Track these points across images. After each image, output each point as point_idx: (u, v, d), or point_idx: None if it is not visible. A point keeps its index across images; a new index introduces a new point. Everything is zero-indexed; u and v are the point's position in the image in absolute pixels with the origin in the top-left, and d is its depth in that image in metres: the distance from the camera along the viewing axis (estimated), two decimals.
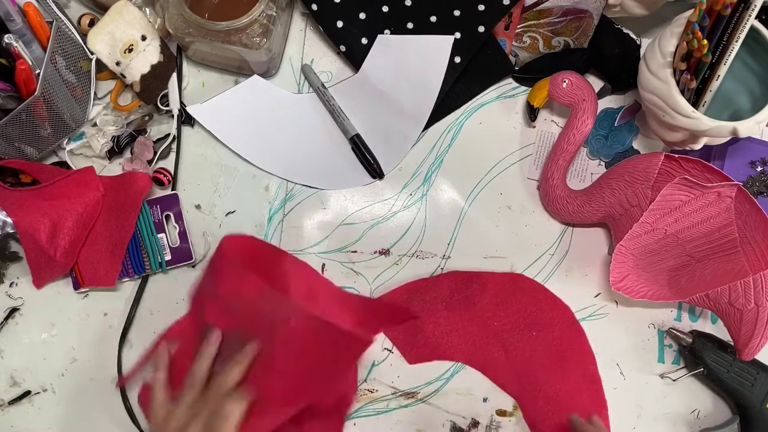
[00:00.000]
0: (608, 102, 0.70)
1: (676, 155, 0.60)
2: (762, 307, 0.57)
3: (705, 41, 0.54)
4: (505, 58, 0.70)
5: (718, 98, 0.61)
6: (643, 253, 0.62)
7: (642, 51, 0.66)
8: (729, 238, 0.59)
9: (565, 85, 0.63)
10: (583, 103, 0.63)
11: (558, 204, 0.65)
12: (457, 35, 0.67)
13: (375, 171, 0.68)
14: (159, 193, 0.67)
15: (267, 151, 0.68)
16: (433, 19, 0.67)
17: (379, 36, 0.67)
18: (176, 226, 0.66)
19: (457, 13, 0.67)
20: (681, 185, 0.58)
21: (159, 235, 0.65)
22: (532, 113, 0.67)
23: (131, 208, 0.64)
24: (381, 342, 0.65)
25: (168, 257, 0.65)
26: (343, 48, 0.69)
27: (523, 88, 0.70)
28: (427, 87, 0.67)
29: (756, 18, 0.56)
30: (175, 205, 0.66)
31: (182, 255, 0.66)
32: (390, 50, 0.67)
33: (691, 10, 0.56)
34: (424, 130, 0.69)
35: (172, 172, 0.68)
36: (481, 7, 0.67)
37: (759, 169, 0.66)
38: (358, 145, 0.68)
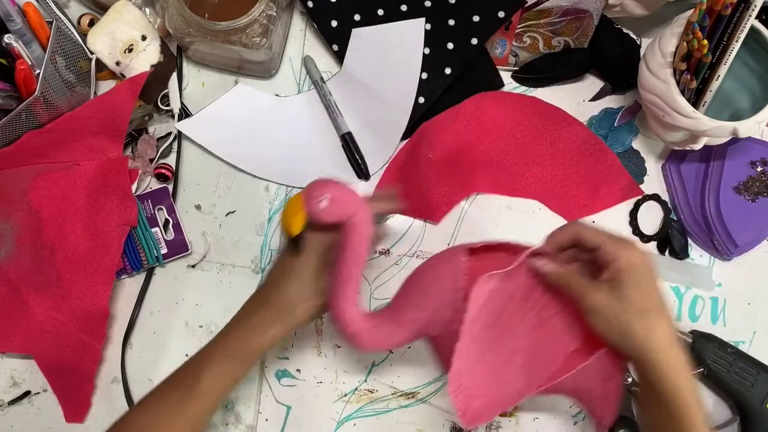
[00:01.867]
0: (608, 102, 0.70)
1: (479, 243, 0.50)
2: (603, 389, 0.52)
3: (705, 41, 0.54)
4: (494, 72, 0.70)
5: (718, 98, 0.61)
6: (476, 362, 0.51)
7: (642, 51, 0.66)
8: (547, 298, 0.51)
9: (323, 205, 0.49)
10: (355, 218, 0.50)
11: (363, 340, 0.51)
12: (450, 46, 0.67)
13: (361, 171, 0.68)
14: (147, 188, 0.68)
15: (258, 157, 0.68)
16: (428, 26, 0.67)
17: (354, 30, 0.68)
18: (169, 218, 0.66)
19: (451, 22, 0.67)
20: (487, 281, 0.49)
21: (153, 230, 0.65)
22: (294, 243, 0.52)
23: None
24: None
25: (164, 250, 0.65)
26: (336, 47, 0.69)
27: (524, 87, 0.70)
28: (407, 72, 0.67)
29: (756, 18, 0.56)
30: (166, 198, 0.66)
31: (178, 247, 0.66)
32: (366, 42, 0.67)
33: (691, 10, 0.56)
34: (413, 129, 0.69)
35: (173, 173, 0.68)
36: (476, 18, 0.67)
37: (759, 169, 0.66)
38: (348, 144, 0.68)
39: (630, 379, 0.63)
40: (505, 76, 0.71)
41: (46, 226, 0.62)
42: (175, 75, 0.69)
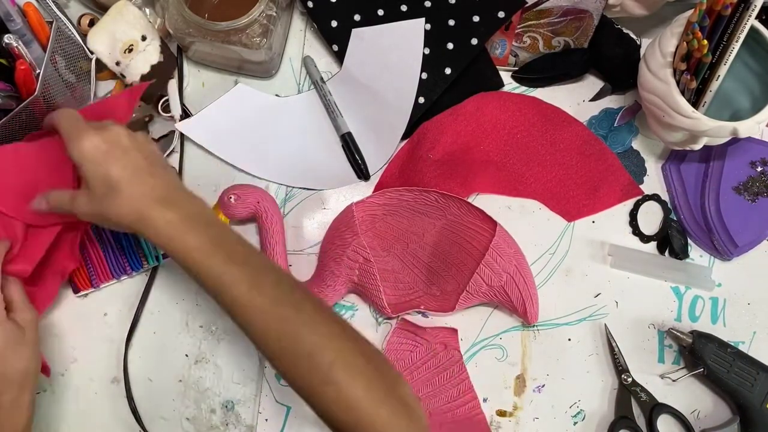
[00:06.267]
0: (608, 102, 0.70)
1: (367, 198, 0.63)
2: (512, 273, 0.61)
3: (705, 41, 0.54)
4: (494, 72, 0.70)
5: (718, 98, 0.61)
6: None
7: (642, 51, 0.66)
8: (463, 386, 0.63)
9: (233, 200, 0.62)
10: (260, 204, 0.62)
11: None
12: (450, 46, 0.67)
13: (361, 171, 0.68)
14: None
15: (259, 158, 0.68)
16: (428, 27, 0.67)
17: (354, 30, 0.68)
18: None
19: (451, 22, 0.67)
20: (401, 330, 0.63)
21: None
22: None
23: None
24: (381, 341, 0.65)
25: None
26: (336, 47, 0.69)
27: (523, 87, 0.70)
28: (407, 73, 0.67)
29: (756, 18, 0.56)
30: None
31: None
32: (366, 42, 0.68)
33: (691, 10, 0.56)
34: (413, 129, 0.69)
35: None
36: (476, 18, 0.67)
37: (759, 169, 0.66)
38: (348, 144, 0.68)
39: (630, 379, 0.63)
40: (505, 76, 0.71)
41: None
42: (175, 75, 0.69)
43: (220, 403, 0.64)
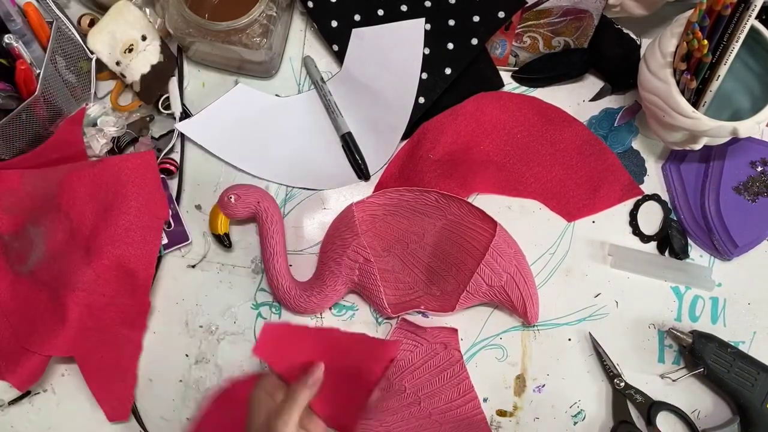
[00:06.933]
0: (608, 102, 0.70)
1: (367, 198, 0.63)
2: (512, 273, 0.61)
3: (705, 41, 0.54)
4: (495, 72, 0.70)
5: (718, 98, 0.61)
6: (384, 413, 0.62)
7: (642, 51, 0.66)
8: (463, 385, 0.63)
9: (233, 200, 0.62)
10: (260, 204, 0.63)
11: (301, 304, 0.62)
12: (450, 46, 0.67)
13: (361, 171, 0.68)
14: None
15: (258, 157, 0.69)
16: (428, 27, 0.67)
17: (354, 30, 0.68)
18: (169, 209, 0.66)
19: (451, 22, 0.67)
20: (402, 330, 0.63)
21: None
22: (222, 242, 0.65)
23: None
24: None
25: (164, 241, 0.65)
26: (336, 47, 0.69)
27: (524, 87, 0.71)
28: (407, 72, 0.67)
29: (756, 18, 0.56)
30: (165, 189, 0.66)
31: (178, 237, 0.66)
32: (366, 42, 0.68)
33: (691, 10, 0.56)
34: (413, 129, 0.69)
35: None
36: (476, 18, 0.67)
37: (759, 169, 0.66)
38: (348, 144, 0.68)
39: (623, 384, 0.63)
40: (505, 76, 0.71)
41: (79, 227, 0.61)
42: (176, 75, 0.69)
43: None
